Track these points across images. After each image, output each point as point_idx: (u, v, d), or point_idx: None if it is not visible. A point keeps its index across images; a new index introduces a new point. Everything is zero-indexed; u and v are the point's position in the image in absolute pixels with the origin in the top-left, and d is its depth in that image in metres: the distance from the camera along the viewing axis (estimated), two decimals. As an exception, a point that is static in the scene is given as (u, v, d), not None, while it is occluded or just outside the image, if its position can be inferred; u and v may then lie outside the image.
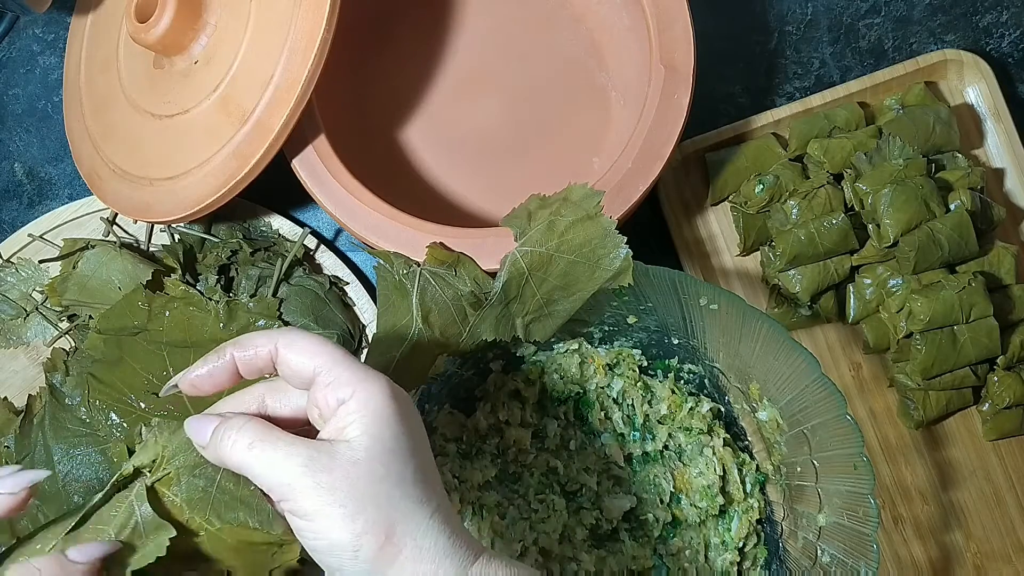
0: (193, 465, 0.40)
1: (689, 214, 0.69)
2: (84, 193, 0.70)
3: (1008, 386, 0.64)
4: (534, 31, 0.68)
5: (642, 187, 0.56)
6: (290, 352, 0.38)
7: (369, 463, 0.36)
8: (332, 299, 0.65)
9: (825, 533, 0.53)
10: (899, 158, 0.64)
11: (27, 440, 0.60)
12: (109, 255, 0.62)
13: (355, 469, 0.36)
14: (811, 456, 0.54)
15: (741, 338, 0.54)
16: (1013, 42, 0.72)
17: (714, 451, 0.59)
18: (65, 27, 0.73)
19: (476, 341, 0.56)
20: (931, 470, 0.66)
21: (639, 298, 0.56)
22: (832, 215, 0.65)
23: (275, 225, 0.68)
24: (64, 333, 0.66)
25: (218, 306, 0.59)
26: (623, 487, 0.59)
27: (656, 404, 0.61)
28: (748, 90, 0.72)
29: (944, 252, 0.63)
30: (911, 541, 0.65)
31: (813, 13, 0.73)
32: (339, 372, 0.38)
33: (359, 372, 0.38)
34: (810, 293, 0.65)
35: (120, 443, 0.59)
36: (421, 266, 0.55)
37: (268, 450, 0.37)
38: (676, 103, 0.57)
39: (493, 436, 0.60)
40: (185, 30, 0.58)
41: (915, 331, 0.63)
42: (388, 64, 0.69)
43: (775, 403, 0.55)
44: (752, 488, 0.59)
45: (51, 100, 0.75)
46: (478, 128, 0.67)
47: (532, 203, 0.56)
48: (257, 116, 0.55)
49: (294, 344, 0.38)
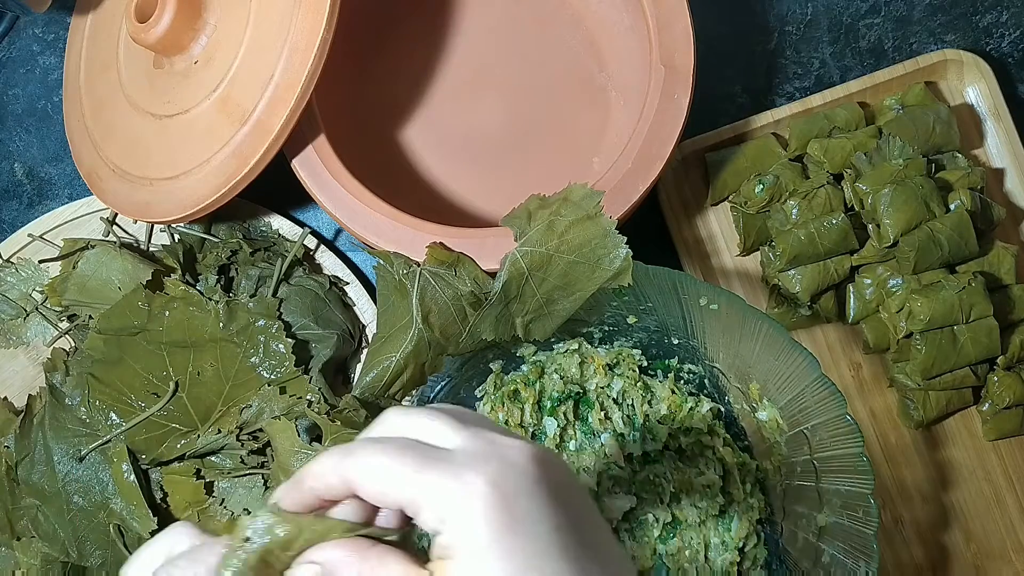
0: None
1: (689, 214, 0.69)
2: (84, 193, 0.70)
3: (1008, 386, 0.64)
4: (534, 31, 0.68)
5: (642, 187, 0.56)
6: (362, 493, 0.31)
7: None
8: (332, 299, 0.65)
9: (825, 533, 0.53)
10: (899, 158, 0.64)
11: (27, 440, 0.60)
12: (109, 255, 0.62)
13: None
14: (811, 456, 0.54)
15: (741, 338, 0.54)
16: (1013, 42, 0.72)
17: (714, 451, 0.59)
18: (65, 27, 0.73)
19: (476, 341, 0.56)
20: (931, 470, 0.66)
21: (639, 298, 0.56)
22: (832, 215, 0.65)
23: (275, 225, 0.68)
24: (64, 333, 0.66)
25: (218, 306, 0.59)
26: (623, 487, 0.59)
27: (656, 404, 0.61)
28: (748, 90, 0.72)
29: (944, 252, 0.63)
30: (911, 541, 0.65)
31: (813, 13, 0.73)
32: (418, 504, 0.29)
33: (442, 492, 0.29)
34: (810, 293, 0.65)
35: (120, 443, 0.59)
36: (421, 266, 0.55)
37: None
38: (676, 103, 0.57)
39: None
40: (185, 30, 0.58)
41: (915, 331, 0.63)
42: (388, 64, 0.69)
43: (775, 403, 0.55)
44: (752, 488, 0.59)
45: (51, 100, 0.75)
46: (478, 128, 0.67)
47: (532, 203, 0.56)
48: (257, 116, 0.55)
49: (365, 476, 0.30)
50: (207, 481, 0.60)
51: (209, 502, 0.60)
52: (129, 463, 0.59)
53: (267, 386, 0.59)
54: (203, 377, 0.60)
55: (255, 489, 0.60)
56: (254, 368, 0.60)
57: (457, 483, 0.29)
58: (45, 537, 0.59)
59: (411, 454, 0.30)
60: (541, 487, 0.30)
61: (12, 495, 0.60)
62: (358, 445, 0.31)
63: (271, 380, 0.60)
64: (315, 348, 0.62)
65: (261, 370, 0.60)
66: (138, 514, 0.58)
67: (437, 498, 0.29)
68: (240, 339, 0.60)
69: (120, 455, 0.59)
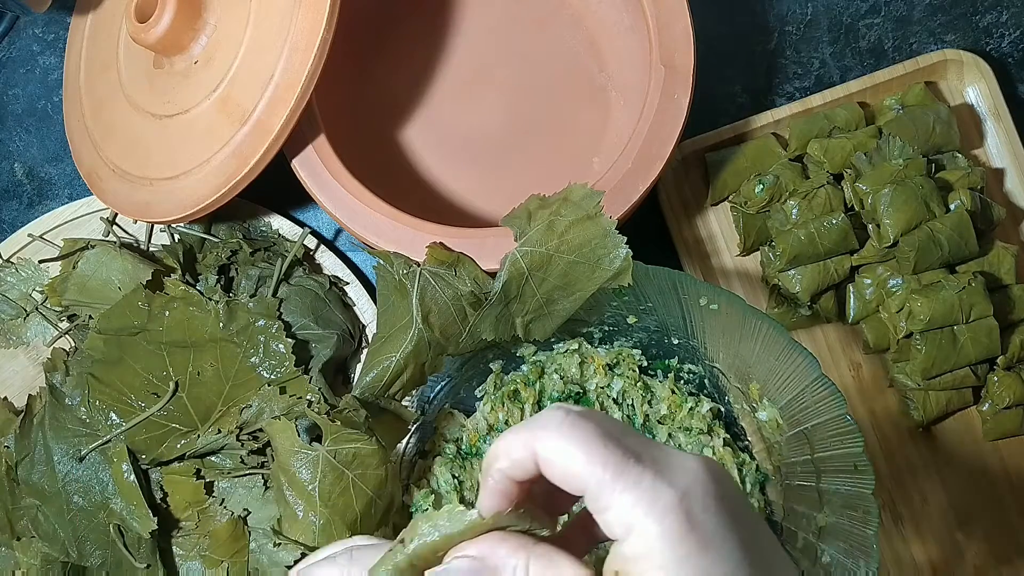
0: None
1: (689, 214, 0.69)
2: (84, 193, 0.70)
3: (1008, 386, 0.64)
4: (534, 31, 0.68)
5: (642, 187, 0.56)
6: (549, 468, 0.29)
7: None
8: (332, 299, 0.65)
9: (825, 533, 0.53)
10: (899, 158, 0.64)
11: (27, 440, 0.60)
12: (109, 255, 0.62)
13: None
14: (811, 456, 0.54)
15: (741, 338, 0.54)
16: (1013, 42, 0.72)
17: (714, 451, 0.59)
18: (65, 27, 0.73)
19: (476, 341, 0.56)
20: (931, 470, 0.66)
21: (639, 298, 0.56)
22: (832, 215, 0.65)
23: (275, 225, 0.68)
24: (64, 333, 0.66)
25: (218, 306, 0.59)
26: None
27: (656, 404, 0.61)
28: (748, 90, 0.72)
29: (944, 252, 0.63)
30: (911, 541, 0.65)
31: (813, 13, 0.73)
32: (607, 499, 0.28)
33: (636, 497, 0.28)
34: (810, 293, 0.65)
35: (120, 443, 0.59)
36: (421, 266, 0.55)
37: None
38: (676, 103, 0.57)
39: (493, 436, 0.60)
40: (185, 30, 0.58)
41: (915, 331, 0.63)
42: (388, 64, 0.69)
43: (775, 403, 0.55)
44: (752, 488, 0.59)
45: (51, 100, 0.75)
46: (478, 128, 0.67)
47: (532, 203, 0.56)
48: (257, 116, 0.55)
49: (552, 458, 0.29)
50: (207, 481, 0.60)
51: (209, 502, 0.60)
52: (129, 463, 0.59)
53: (267, 386, 0.59)
54: (203, 377, 0.60)
55: (255, 489, 0.60)
56: (254, 368, 0.60)
57: (652, 493, 0.28)
58: (45, 537, 0.59)
59: (614, 446, 0.28)
60: (724, 504, 0.29)
61: (12, 495, 0.60)
62: (551, 419, 0.29)
63: (271, 380, 0.60)
64: (315, 348, 0.62)
65: (261, 370, 0.60)
66: (138, 514, 0.58)
67: (630, 503, 0.28)
68: (240, 339, 0.60)
69: (120, 455, 0.59)
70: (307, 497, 0.53)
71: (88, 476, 0.59)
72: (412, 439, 0.59)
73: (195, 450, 0.59)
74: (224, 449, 0.60)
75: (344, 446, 0.53)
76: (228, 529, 0.60)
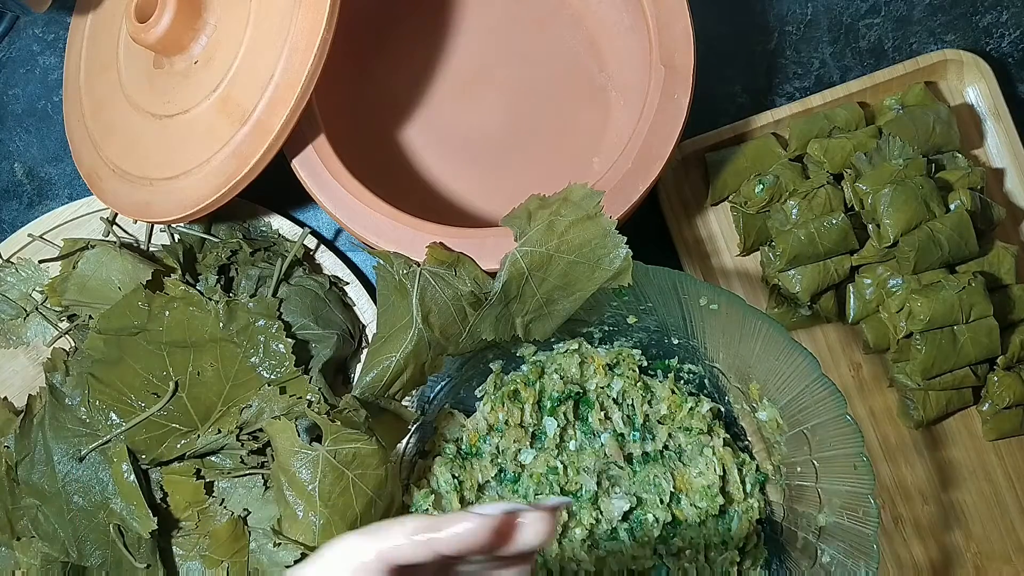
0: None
1: (689, 214, 0.69)
2: (84, 193, 0.70)
3: (1008, 386, 0.64)
4: (534, 31, 0.68)
5: (642, 187, 0.56)
6: None
7: None
8: (332, 299, 0.65)
9: (825, 533, 0.53)
10: (899, 158, 0.64)
11: (27, 440, 0.60)
12: (109, 255, 0.62)
13: None
14: (811, 456, 0.54)
15: (741, 338, 0.54)
16: (1013, 42, 0.72)
17: (714, 451, 0.59)
18: (65, 27, 0.73)
19: (476, 341, 0.56)
20: (931, 470, 0.66)
21: (639, 298, 0.56)
22: (832, 215, 0.65)
23: (275, 225, 0.68)
24: (64, 333, 0.66)
25: (218, 306, 0.59)
26: (623, 487, 0.59)
27: (656, 404, 0.61)
28: (748, 90, 0.72)
29: (944, 252, 0.63)
30: (911, 541, 0.65)
31: (813, 13, 0.73)
32: None
33: None
34: (810, 293, 0.65)
35: (120, 443, 0.59)
36: (421, 266, 0.55)
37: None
38: (676, 103, 0.57)
39: (493, 436, 0.60)
40: (185, 30, 0.58)
41: (915, 331, 0.63)
42: (388, 64, 0.69)
43: (775, 403, 0.55)
44: (752, 488, 0.59)
45: (51, 100, 0.75)
46: (478, 128, 0.67)
47: (532, 203, 0.56)
48: (257, 116, 0.55)
49: None
50: (207, 481, 0.60)
51: (209, 502, 0.60)
52: (129, 463, 0.59)
53: (267, 386, 0.59)
54: (203, 377, 0.60)
55: (255, 489, 0.60)
56: (254, 368, 0.60)
57: None
58: (45, 537, 0.59)
59: None
60: None
61: (12, 495, 0.60)
62: None
63: (271, 380, 0.60)
64: (315, 348, 0.62)
65: (261, 370, 0.60)
66: (138, 514, 0.58)
67: None
68: (240, 339, 0.60)
69: (120, 455, 0.59)
70: (307, 497, 0.53)
71: (88, 476, 0.59)
72: (412, 439, 0.59)
73: (195, 450, 0.59)
74: (224, 449, 0.60)
75: (344, 446, 0.53)
76: (228, 529, 0.60)
